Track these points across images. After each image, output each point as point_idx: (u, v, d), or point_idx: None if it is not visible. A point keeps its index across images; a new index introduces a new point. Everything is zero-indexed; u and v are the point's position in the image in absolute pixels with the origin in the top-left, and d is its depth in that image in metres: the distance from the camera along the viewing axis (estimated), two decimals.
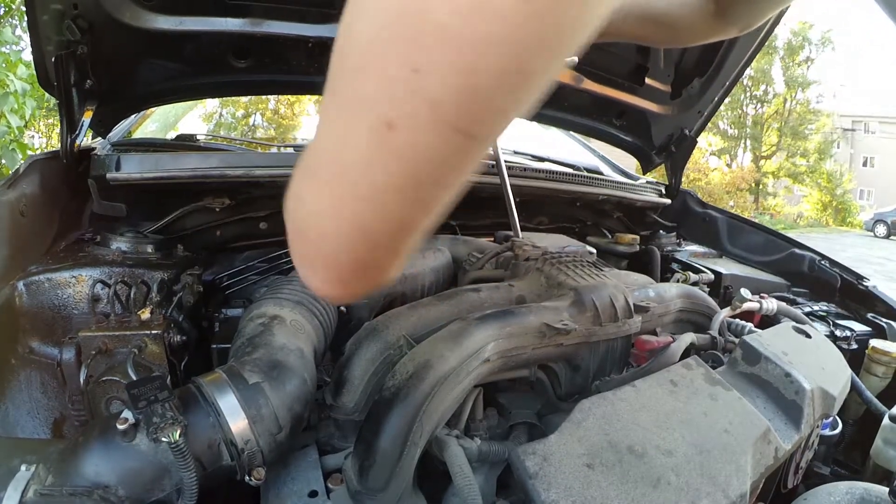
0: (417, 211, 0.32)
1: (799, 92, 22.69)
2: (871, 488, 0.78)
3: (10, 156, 3.58)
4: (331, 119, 0.30)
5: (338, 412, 0.76)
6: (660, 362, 0.82)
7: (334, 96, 0.29)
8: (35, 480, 0.52)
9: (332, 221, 0.32)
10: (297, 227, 0.35)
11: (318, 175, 0.32)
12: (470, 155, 0.29)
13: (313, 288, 0.38)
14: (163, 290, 0.96)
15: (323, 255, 0.35)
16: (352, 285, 0.37)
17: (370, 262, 0.35)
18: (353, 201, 0.30)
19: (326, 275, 0.37)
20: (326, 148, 0.31)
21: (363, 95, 0.27)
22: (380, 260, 0.35)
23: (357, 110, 0.28)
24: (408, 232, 0.33)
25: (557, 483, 0.56)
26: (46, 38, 0.98)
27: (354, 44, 0.27)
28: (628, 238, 1.69)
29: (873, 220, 18.65)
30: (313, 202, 0.33)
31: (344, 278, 0.36)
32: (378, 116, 0.27)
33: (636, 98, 1.74)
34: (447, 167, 0.29)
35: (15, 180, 0.95)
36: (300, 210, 0.34)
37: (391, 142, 0.27)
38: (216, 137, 2.10)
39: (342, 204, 0.31)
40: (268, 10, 1.19)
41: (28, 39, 1.07)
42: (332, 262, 0.35)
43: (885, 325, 1.32)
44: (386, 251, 0.35)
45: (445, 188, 0.31)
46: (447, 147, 0.27)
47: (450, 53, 0.24)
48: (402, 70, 0.25)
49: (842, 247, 13.82)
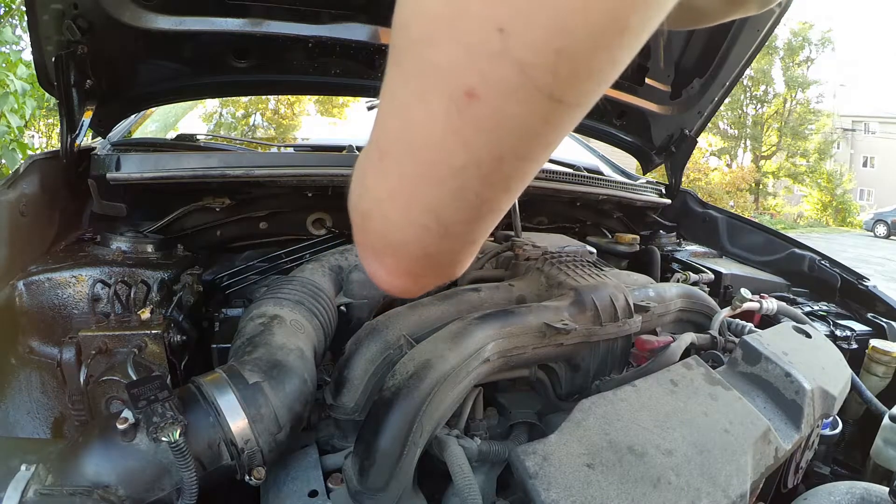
0: (497, 192, 0.29)
1: (799, 92, 22.70)
2: (871, 488, 0.78)
3: (10, 156, 3.58)
4: (398, 96, 0.27)
5: (338, 412, 0.76)
6: (660, 362, 0.82)
7: (400, 70, 0.26)
8: (35, 480, 0.52)
9: (402, 209, 0.30)
10: (362, 217, 0.33)
11: (384, 160, 0.29)
12: (561, 125, 0.26)
13: (379, 282, 0.36)
14: (163, 290, 0.95)
15: (391, 246, 0.32)
16: (421, 278, 0.35)
17: (443, 252, 0.33)
18: (427, 185, 0.28)
19: (395, 267, 0.34)
20: (394, 128, 0.28)
21: (437, 63, 0.24)
22: (453, 249, 0.33)
23: (431, 81, 0.25)
24: (486, 217, 0.30)
25: (557, 483, 0.56)
26: (46, 38, 0.98)
27: (423, 10, 0.24)
28: (628, 238, 1.69)
29: (873, 220, 18.65)
30: (379, 189, 0.30)
31: (413, 271, 0.34)
32: (457, 85, 0.24)
33: (636, 98, 1.74)
34: (535, 139, 0.26)
35: (15, 180, 0.95)
36: (365, 199, 0.32)
37: (472, 113, 0.24)
38: (216, 137, 2.10)
39: (413, 188, 0.28)
40: (268, 10, 1.19)
41: (28, 39, 1.07)
42: (401, 254, 0.33)
43: (885, 324, 1.32)
44: (460, 240, 0.32)
45: (530, 164, 0.28)
46: (536, 116, 0.25)
47: (544, 9, 0.21)
48: (484, 30, 0.22)
49: (842, 247, 13.82)
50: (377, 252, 0.34)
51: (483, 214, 0.30)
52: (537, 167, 0.29)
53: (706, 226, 1.92)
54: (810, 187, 23.66)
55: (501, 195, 0.29)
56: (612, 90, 1.68)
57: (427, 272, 0.35)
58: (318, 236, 1.33)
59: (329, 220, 1.34)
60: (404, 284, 0.35)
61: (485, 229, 0.32)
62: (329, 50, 1.30)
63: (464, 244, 0.33)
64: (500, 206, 0.30)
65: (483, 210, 0.30)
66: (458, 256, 0.34)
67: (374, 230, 0.33)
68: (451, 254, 0.33)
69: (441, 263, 0.34)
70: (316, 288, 0.90)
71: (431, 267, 0.34)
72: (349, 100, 3.28)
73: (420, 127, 0.26)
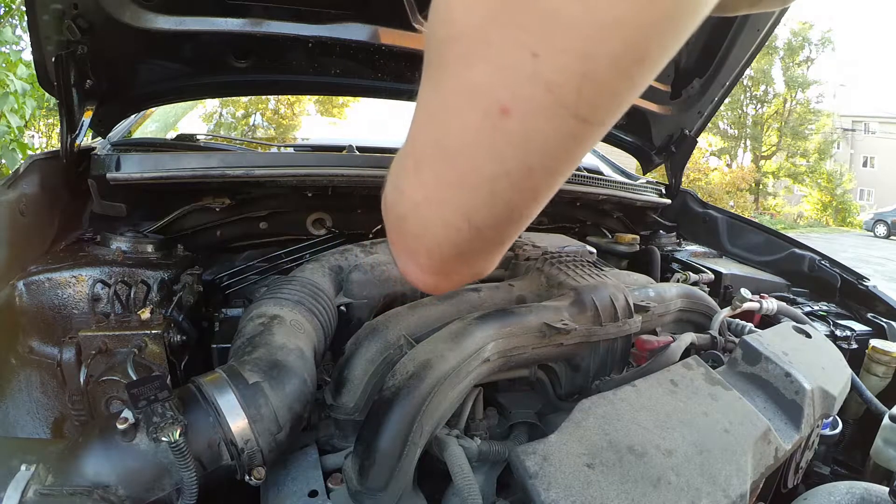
0: (527, 200, 0.31)
1: (799, 92, 22.69)
2: (871, 488, 0.78)
3: (10, 156, 3.57)
4: (435, 108, 0.30)
5: (338, 412, 0.76)
6: (660, 362, 0.82)
7: (438, 85, 0.28)
8: (35, 480, 0.52)
9: (436, 211, 0.32)
10: (398, 219, 0.35)
11: (420, 166, 0.32)
12: (585, 141, 0.28)
13: (413, 279, 0.38)
14: (163, 290, 0.96)
15: (425, 246, 0.35)
16: (452, 276, 0.37)
17: (474, 252, 0.35)
18: (460, 191, 0.30)
19: (429, 266, 0.36)
20: (430, 137, 0.30)
21: (475, 82, 0.26)
22: (484, 250, 0.35)
23: (468, 97, 0.27)
24: (514, 222, 0.33)
25: (557, 483, 0.56)
26: (46, 38, 0.98)
27: (461, 30, 0.26)
28: (628, 238, 1.69)
29: (873, 220, 18.65)
30: (415, 193, 0.33)
31: (445, 269, 0.36)
32: (492, 102, 0.26)
33: (636, 98, 1.74)
34: (561, 154, 0.28)
35: (15, 180, 0.95)
36: (401, 203, 0.34)
37: (504, 128, 0.26)
38: (216, 137, 2.10)
39: (448, 193, 0.31)
40: (268, 10, 1.19)
41: (28, 39, 1.07)
42: (434, 253, 0.35)
43: (885, 324, 1.32)
44: (491, 242, 0.34)
45: (556, 176, 0.30)
46: (563, 133, 0.27)
47: (572, 38, 0.24)
48: (520, 54, 0.24)
49: (842, 247, 13.82)
50: (411, 252, 0.36)
51: (513, 219, 0.32)
52: (563, 179, 0.31)
53: (706, 226, 1.92)
54: (810, 187, 23.66)
55: (530, 203, 0.32)
56: None
57: (458, 270, 0.37)
58: (318, 236, 1.33)
59: (329, 220, 1.34)
60: (436, 282, 0.38)
61: (514, 232, 0.34)
62: (329, 50, 1.30)
63: (494, 245, 0.35)
64: (529, 213, 0.33)
65: (513, 216, 0.32)
66: (488, 256, 0.37)
67: (409, 231, 0.35)
68: (481, 253, 0.36)
69: (472, 263, 0.36)
70: (316, 288, 0.90)
71: (463, 265, 0.36)
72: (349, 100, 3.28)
73: (456, 138, 0.28)
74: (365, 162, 1.29)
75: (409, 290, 1.06)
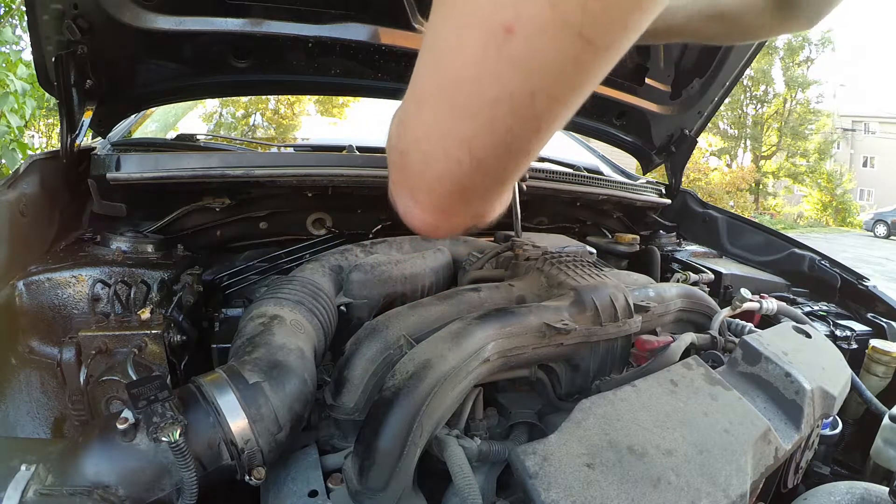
0: (528, 129, 0.30)
1: (799, 92, 22.69)
2: (871, 488, 0.78)
3: (10, 156, 3.57)
4: (439, 33, 0.29)
5: (338, 412, 0.76)
6: (660, 362, 0.82)
7: (443, 13, 0.28)
8: (35, 480, 0.52)
9: (437, 142, 0.32)
10: (400, 155, 0.35)
11: (422, 103, 0.32)
12: (591, 67, 0.28)
13: (413, 220, 0.38)
14: (163, 290, 0.95)
15: (426, 181, 0.34)
16: (452, 216, 0.37)
17: (475, 188, 0.34)
18: (462, 119, 0.30)
19: (429, 203, 0.36)
20: (434, 64, 0.30)
21: (478, 3, 0.26)
22: (484, 187, 0.35)
23: (471, 16, 0.27)
24: (515, 154, 0.32)
25: (557, 483, 0.56)
26: (46, 38, 0.98)
27: None
28: (628, 238, 1.69)
29: (873, 220, 18.65)
30: (417, 126, 0.33)
31: (445, 207, 0.36)
32: (495, 20, 0.26)
33: (636, 98, 1.74)
34: (564, 78, 0.28)
35: (15, 180, 0.95)
36: (403, 139, 0.34)
37: (507, 48, 0.26)
38: (216, 137, 2.10)
39: (449, 122, 0.30)
40: (268, 10, 1.19)
41: (28, 39, 1.07)
42: (435, 189, 0.34)
43: (885, 324, 1.32)
44: (491, 176, 0.34)
45: (559, 105, 0.29)
46: (567, 54, 0.26)
47: None
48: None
49: (842, 247, 13.81)
50: (412, 189, 0.36)
51: (513, 151, 0.32)
52: (567, 111, 0.30)
53: (706, 226, 1.92)
54: (810, 187, 23.66)
55: (531, 134, 0.31)
56: (612, 90, 1.68)
57: (458, 210, 0.36)
58: (318, 236, 1.33)
59: (329, 220, 1.34)
60: (436, 221, 0.37)
61: (514, 168, 0.34)
62: (329, 50, 1.30)
63: (494, 181, 0.35)
64: (530, 147, 0.32)
65: (514, 147, 0.31)
66: (487, 195, 0.36)
67: (410, 166, 0.35)
68: (482, 191, 0.35)
69: (472, 201, 0.36)
70: (316, 288, 0.90)
71: (462, 204, 0.36)
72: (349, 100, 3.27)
73: (458, 63, 0.28)
74: (365, 162, 1.29)
75: (409, 289, 1.06)
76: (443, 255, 1.16)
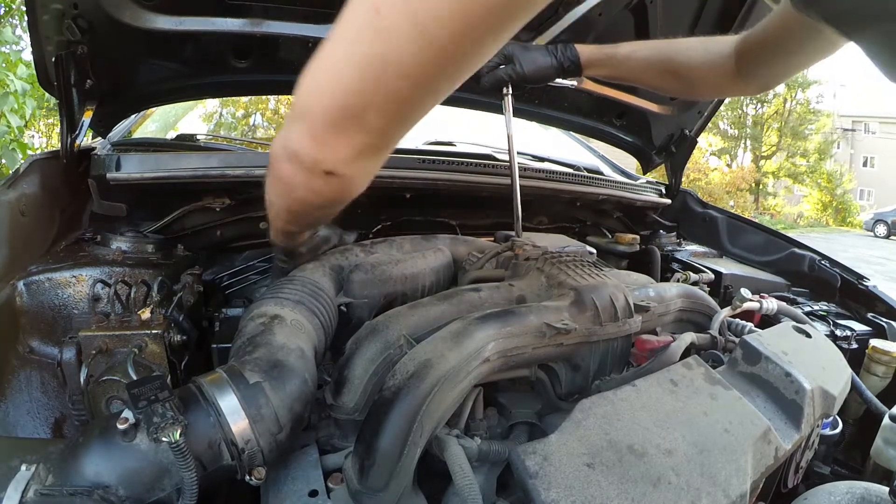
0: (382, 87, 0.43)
1: (799, 92, 22.69)
2: (871, 488, 0.78)
3: (10, 156, 3.57)
4: (343, 12, 0.43)
5: (338, 412, 0.76)
6: (660, 362, 0.82)
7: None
8: (35, 480, 0.52)
9: (324, 76, 0.45)
10: (297, 89, 0.47)
11: (323, 50, 0.45)
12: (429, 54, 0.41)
13: (298, 148, 0.49)
14: (163, 290, 0.95)
15: (304, 107, 0.47)
16: (327, 146, 0.47)
17: (346, 124, 0.46)
18: (343, 61, 0.44)
19: (310, 130, 0.47)
20: (335, 31, 0.44)
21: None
22: (353, 128, 0.46)
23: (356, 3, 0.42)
24: (377, 106, 0.45)
25: (558, 482, 0.56)
26: (46, 38, 0.98)
27: None
28: (628, 238, 1.69)
29: (873, 220, 18.65)
30: (316, 67, 0.46)
31: (323, 136, 0.47)
32: (370, 4, 0.41)
33: (636, 98, 1.74)
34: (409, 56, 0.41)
35: (15, 180, 0.95)
36: (306, 74, 0.47)
37: (376, 22, 0.40)
38: (216, 137, 2.10)
39: (336, 67, 0.44)
40: (268, 10, 1.19)
41: (28, 39, 1.07)
42: (317, 115, 0.46)
43: (885, 324, 1.32)
44: (359, 120, 0.46)
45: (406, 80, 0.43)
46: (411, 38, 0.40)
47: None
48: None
49: (842, 247, 13.82)
50: (300, 114, 0.48)
51: (373, 102, 0.45)
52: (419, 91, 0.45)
53: (706, 226, 1.92)
54: (810, 187, 23.67)
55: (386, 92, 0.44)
56: (612, 90, 1.68)
57: (333, 141, 0.47)
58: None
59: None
60: (314, 149, 0.48)
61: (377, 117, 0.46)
62: None
63: (363, 125, 0.46)
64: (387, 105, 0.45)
65: (376, 98, 0.44)
66: (356, 135, 0.47)
67: (303, 91, 0.47)
68: (352, 130, 0.47)
69: (346, 135, 0.47)
70: (316, 287, 0.90)
71: (338, 135, 0.47)
72: None
73: (349, 27, 0.43)
74: None
75: (410, 289, 1.06)
76: (443, 254, 1.16)
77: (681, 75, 1.02)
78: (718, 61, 0.96)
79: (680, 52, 1.01)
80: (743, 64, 0.93)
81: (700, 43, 1.02)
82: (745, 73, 0.94)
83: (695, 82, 1.04)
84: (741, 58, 0.93)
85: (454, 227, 1.55)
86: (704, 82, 1.03)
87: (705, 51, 0.99)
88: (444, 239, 1.22)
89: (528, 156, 1.89)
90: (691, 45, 1.03)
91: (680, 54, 1.01)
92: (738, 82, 0.97)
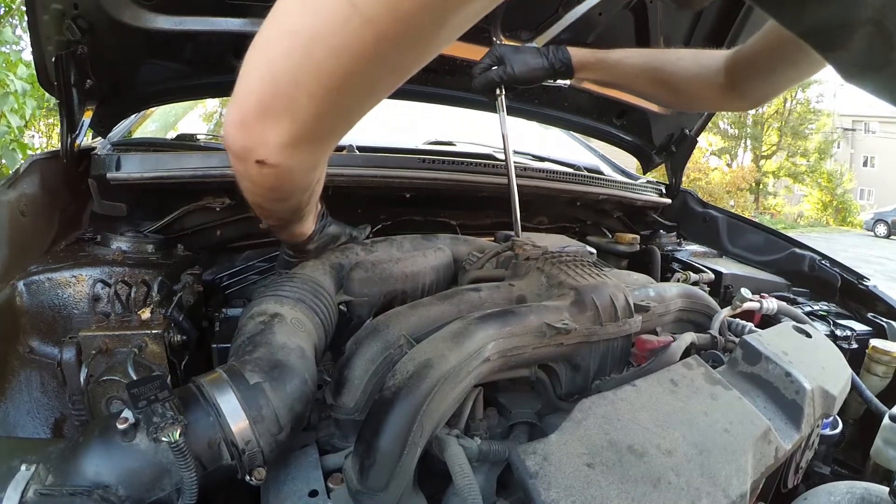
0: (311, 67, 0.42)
1: (799, 91, 22.67)
2: (871, 488, 0.78)
3: (10, 156, 3.57)
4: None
5: (338, 412, 0.76)
6: (660, 362, 0.82)
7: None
8: (35, 480, 0.52)
9: (257, 57, 0.45)
10: (238, 78, 0.46)
11: (261, 32, 0.45)
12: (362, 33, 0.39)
13: (226, 134, 0.48)
14: (163, 290, 0.95)
15: (236, 90, 0.46)
16: (254, 131, 0.46)
17: (273, 110, 0.45)
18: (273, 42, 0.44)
19: (239, 116, 0.46)
20: (272, 12, 0.44)
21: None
22: (280, 115, 0.45)
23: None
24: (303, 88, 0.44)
25: (558, 482, 0.56)
26: (46, 38, 0.98)
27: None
28: (628, 238, 1.69)
29: (873, 220, 18.65)
30: (253, 48, 0.45)
31: (250, 122, 0.46)
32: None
33: (636, 98, 1.74)
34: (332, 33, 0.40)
35: (15, 180, 0.95)
36: (243, 69, 0.46)
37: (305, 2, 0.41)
38: (216, 137, 2.10)
39: (266, 46, 0.44)
40: (268, 9, 1.19)
41: (28, 39, 1.07)
42: (247, 101, 0.45)
43: (885, 324, 1.32)
44: (284, 107, 0.45)
45: (335, 60, 0.41)
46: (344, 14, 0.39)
47: None
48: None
49: (842, 246, 13.81)
50: (235, 95, 0.46)
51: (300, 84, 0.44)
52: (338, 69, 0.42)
53: (706, 226, 1.92)
54: (810, 187, 23.66)
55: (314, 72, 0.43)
56: (612, 90, 1.68)
57: (260, 128, 0.46)
58: None
59: None
60: (241, 136, 0.47)
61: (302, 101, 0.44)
62: None
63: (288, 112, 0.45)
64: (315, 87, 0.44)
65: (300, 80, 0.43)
66: (282, 123, 0.46)
67: (241, 80, 0.46)
68: (278, 117, 0.45)
69: (271, 122, 0.46)
70: (316, 285, 0.90)
71: (263, 122, 0.46)
72: None
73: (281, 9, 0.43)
74: (365, 161, 1.29)
75: (410, 288, 1.06)
76: (443, 254, 1.16)
77: (671, 85, 1.02)
78: (710, 75, 0.96)
79: (671, 62, 1.01)
80: (734, 78, 0.93)
81: (692, 55, 1.02)
82: (737, 87, 0.94)
83: (685, 94, 1.04)
84: (733, 72, 0.93)
85: (454, 226, 1.55)
86: (695, 94, 1.03)
87: (697, 63, 0.99)
88: (444, 238, 1.22)
89: (529, 155, 1.89)
90: (683, 56, 1.03)
91: (671, 64, 1.01)
92: (729, 96, 0.97)
